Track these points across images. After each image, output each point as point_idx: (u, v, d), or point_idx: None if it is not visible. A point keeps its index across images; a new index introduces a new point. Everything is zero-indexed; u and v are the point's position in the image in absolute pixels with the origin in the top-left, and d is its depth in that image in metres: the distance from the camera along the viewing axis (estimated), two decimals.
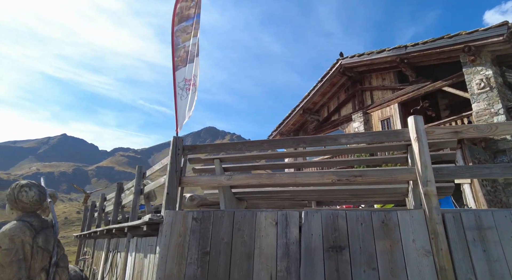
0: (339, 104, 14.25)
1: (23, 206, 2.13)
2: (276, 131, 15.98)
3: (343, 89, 14.20)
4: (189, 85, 3.80)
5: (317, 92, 14.17)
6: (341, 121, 13.84)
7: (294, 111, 15.03)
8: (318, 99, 14.59)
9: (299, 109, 14.76)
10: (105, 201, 7.38)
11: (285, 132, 15.89)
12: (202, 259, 2.92)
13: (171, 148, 3.51)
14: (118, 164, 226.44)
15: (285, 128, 15.76)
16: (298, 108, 14.84)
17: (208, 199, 4.46)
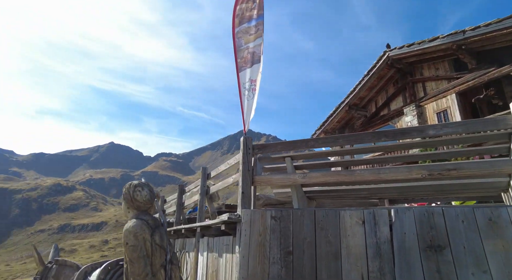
0: (387, 98, 13.55)
1: (138, 205, 2.25)
2: (320, 129, 15.64)
3: (391, 82, 13.48)
4: (254, 85, 3.81)
5: (363, 87, 13.61)
6: (391, 116, 13.14)
7: (339, 108, 14.58)
8: (364, 94, 14.01)
9: (345, 106, 14.29)
10: (165, 203, 7.70)
11: (329, 130, 15.49)
12: (285, 258, 2.88)
13: (242, 147, 3.54)
14: (162, 169, 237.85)
15: (330, 126, 15.35)
16: (343, 104, 14.37)
17: (272, 199, 4.44)
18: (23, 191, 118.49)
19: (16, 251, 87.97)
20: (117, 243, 79.42)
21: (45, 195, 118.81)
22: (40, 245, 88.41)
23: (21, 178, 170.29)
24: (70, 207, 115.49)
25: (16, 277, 59.57)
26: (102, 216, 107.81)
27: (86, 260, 64.84)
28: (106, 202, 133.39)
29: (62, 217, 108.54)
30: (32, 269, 62.73)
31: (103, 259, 14.80)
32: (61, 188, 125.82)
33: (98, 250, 74.28)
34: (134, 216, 2.23)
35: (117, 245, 77.71)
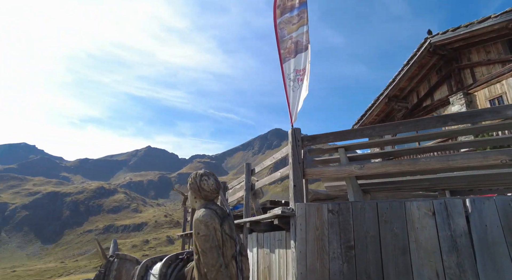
0: (430, 87, 12.72)
1: (205, 194, 2.22)
2: (358, 124, 15.07)
3: (434, 71, 12.63)
4: (300, 75, 3.68)
5: (403, 77, 12.89)
6: (435, 106, 12.31)
7: (378, 100, 13.94)
8: (405, 85, 13.27)
9: (384, 98, 13.63)
10: None
11: (368, 124, 14.86)
12: (346, 253, 2.73)
13: (291, 140, 3.43)
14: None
15: (368, 120, 14.74)
16: (382, 96, 13.72)
17: (320, 193, 4.28)
18: (72, 194, 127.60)
19: (68, 249, 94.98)
20: (156, 243, 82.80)
21: (90, 197, 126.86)
22: (89, 244, 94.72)
23: (70, 182, 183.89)
24: (113, 208, 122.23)
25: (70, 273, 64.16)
26: (142, 217, 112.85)
27: None
28: (145, 203, 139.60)
29: (106, 218, 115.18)
30: (83, 266, 67.41)
31: (145, 258, 15.33)
32: (104, 191, 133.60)
33: (139, 250, 77.78)
34: (202, 206, 2.20)
35: (157, 244, 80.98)
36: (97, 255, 16.61)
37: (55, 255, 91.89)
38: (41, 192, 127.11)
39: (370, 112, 14.50)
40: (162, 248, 76.32)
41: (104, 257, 3.31)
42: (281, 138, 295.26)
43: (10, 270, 69.78)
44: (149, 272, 2.67)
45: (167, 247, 78.04)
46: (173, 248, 73.56)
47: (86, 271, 60.71)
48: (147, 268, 2.73)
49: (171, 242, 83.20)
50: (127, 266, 3.14)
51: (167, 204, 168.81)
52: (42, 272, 65.82)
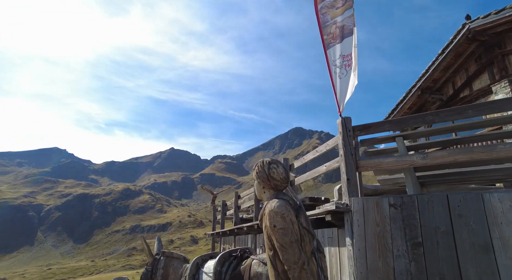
0: (468, 77, 11.93)
1: (275, 184, 2.04)
2: (389, 118, 14.46)
3: (472, 59, 11.84)
4: (348, 61, 3.44)
5: (438, 67, 12.17)
6: (474, 97, 11.52)
7: (410, 93, 13.26)
8: (439, 75, 12.53)
9: (416, 90, 12.94)
10: (239, 198, 7.67)
11: None
12: (414, 251, 2.46)
13: (341, 129, 3.19)
14: (218, 170, 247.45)
15: (400, 114, 14.08)
16: (414, 88, 13.04)
17: (369, 188, 4.00)
18: (100, 195, 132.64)
19: (98, 249, 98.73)
20: (181, 242, 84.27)
21: (117, 199, 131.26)
22: (117, 244, 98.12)
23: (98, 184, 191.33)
24: (139, 209, 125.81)
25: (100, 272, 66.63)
26: (166, 217, 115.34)
27: None
28: (169, 204, 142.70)
29: (132, 218, 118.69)
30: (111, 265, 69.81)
31: None
32: (130, 192, 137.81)
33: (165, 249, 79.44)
34: (272, 197, 2.02)
35: (181, 244, 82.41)
36: (124, 254, 17.07)
37: (86, 254, 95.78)
38: (72, 194, 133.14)
39: (402, 106, 13.84)
40: (186, 248, 77.58)
41: (150, 255, 3.22)
42: (302, 137, 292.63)
43: (46, 267, 73.55)
44: (201, 270, 2.53)
45: (191, 246, 79.28)
46: (197, 248, 74.63)
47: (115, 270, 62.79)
48: (198, 266, 2.60)
49: (195, 241, 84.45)
50: (174, 264, 3.03)
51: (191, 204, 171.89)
52: (75, 270, 68.71)
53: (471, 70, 11.96)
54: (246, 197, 7.38)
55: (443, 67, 12.29)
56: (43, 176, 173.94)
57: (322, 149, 3.80)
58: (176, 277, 2.91)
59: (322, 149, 3.82)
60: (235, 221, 7.37)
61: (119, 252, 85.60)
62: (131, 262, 68.73)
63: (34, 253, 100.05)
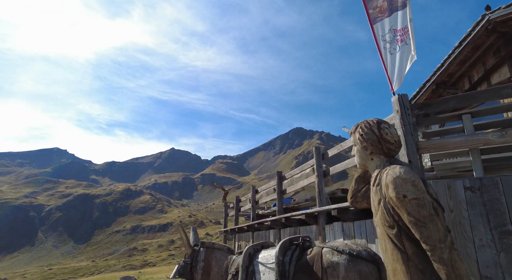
0: (486, 71, 11.58)
1: (389, 147, 1.61)
2: None
3: (490, 52, 11.48)
4: (400, 36, 3.12)
5: (454, 61, 11.77)
6: None
7: (424, 87, 12.89)
8: (454, 69, 12.15)
9: (431, 84, 12.56)
10: (257, 193, 7.34)
11: None
12: (501, 240, 2.13)
13: (398, 108, 2.86)
14: (219, 171, 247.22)
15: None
16: (429, 83, 12.67)
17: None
18: (101, 196, 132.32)
19: (99, 249, 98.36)
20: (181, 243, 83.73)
21: (118, 199, 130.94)
22: (117, 244, 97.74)
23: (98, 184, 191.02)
24: (140, 209, 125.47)
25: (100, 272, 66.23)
26: (167, 217, 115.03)
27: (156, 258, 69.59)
28: (170, 204, 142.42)
29: (133, 219, 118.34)
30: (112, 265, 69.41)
31: (171, 258, 15.04)
32: (131, 193, 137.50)
33: (165, 250, 79.09)
34: (386, 164, 1.59)
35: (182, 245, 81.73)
36: (125, 255, 16.55)
37: (87, 254, 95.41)
38: (73, 194, 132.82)
39: (415, 101, 13.54)
40: None
41: (189, 246, 2.89)
42: (303, 137, 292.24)
43: (47, 268, 73.20)
44: (256, 261, 2.21)
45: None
46: None
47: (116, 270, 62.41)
48: (251, 257, 2.28)
49: None
50: (216, 255, 2.71)
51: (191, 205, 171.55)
52: (76, 270, 68.39)
53: (489, 64, 11.63)
54: (264, 192, 7.06)
55: (460, 61, 11.94)
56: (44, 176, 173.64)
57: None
58: (220, 270, 2.60)
59: None
60: (252, 217, 7.05)
61: (119, 252, 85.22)
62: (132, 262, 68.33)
63: (35, 253, 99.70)
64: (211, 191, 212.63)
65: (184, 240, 2.86)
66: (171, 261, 63.91)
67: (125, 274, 41.73)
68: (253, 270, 2.18)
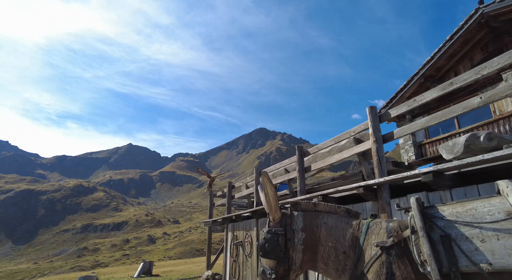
0: (473, 65, 11.80)
1: None
2: (386, 108, 14.03)
3: (478, 47, 11.74)
4: None
5: (443, 55, 11.91)
6: (481, 85, 11.42)
7: (412, 81, 12.92)
8: (443, 63, 12.31)
9: (419, 78, 12.61)
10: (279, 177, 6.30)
11: None
12: None
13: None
14: (179, 169, 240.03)
15: (399, 103, 13.73)
16: (417, 76, 12.70)
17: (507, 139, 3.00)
18: (48, 192, 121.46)
19: (43, 250, 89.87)
20: (137, 242, 79.71)
21: (68, 196, 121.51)
22: (65, 244, 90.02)
23: (46, 180, 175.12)
24: (92, 207, 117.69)
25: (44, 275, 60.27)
26: (122, 216, 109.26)
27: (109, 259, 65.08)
28: (126, 202, 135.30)
29: (84, 217, 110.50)
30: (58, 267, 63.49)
31: (125, 258, 13.33)
32: (83, 189, 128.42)
33: (119, 249, 74.77)
34: None
35: (138, 244, 77.89)
36: (74, 255, 14.27)
37: (28, 256, 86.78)
38: (14, 190, 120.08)
39: (402, 94, 13.47)
40: (143, 248, 73.63)
41: (277, 207, 1.81)
42: (266, 137, 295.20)
43: None
44: (444, 221, 1.29)
45: (148, 246, 75.33)
46: (154, 248, 70.95)
47: (62, 272, 57.28)
48: (426, 216, 1.36)
49: (152, 241, 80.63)
50: (327, 221, 1.71)
51: (148, 203, 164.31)
52: (13, 274, 61.70)
53: (476, 59, 11.84)
54: (270, 174, 6.14)
55: (449, 55, 12.05)
56: None
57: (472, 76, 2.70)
58: (339, 244, 1.61)
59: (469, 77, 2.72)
60: (256, 202, 6.08)
61: (67, 253, 78.64)
62: (82, 263, 63.19)
63: None
64: (170, 190, 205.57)
65: (270, 196, 1.81)
66: (125, 261, 60.08)
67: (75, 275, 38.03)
68: (444, 235, 1.27)
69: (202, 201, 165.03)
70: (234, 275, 6.58)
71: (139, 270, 16.13)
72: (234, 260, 6.66)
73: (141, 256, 63.70)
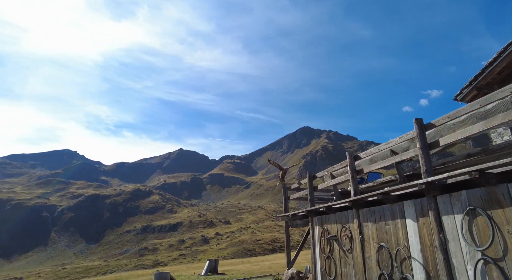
0: None
1: None
2: (471, 86, 12.24)
3: None
4: None
5: None
6: None
7: (505, 53, 11.07)
8: None
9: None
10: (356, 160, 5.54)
11: (485, 86, 12.01)
12: None
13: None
14: (226, 170, 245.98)
15: (486, 80, 11.87)
16: (511, 46, 10.86)
17: None
18: (111, 196, 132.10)
19: (110, 249, 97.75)
20: (192, 242, 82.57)
21: (128, 199, 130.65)
22: (128, 244, 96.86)
23: (108, 185, 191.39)
24: (149, 209, 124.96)
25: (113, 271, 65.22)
26: (177, 217, 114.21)
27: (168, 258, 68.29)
28: (179, 204, 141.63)
29: (143, 219, 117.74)
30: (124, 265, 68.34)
31: (182, 258, 12.94)
32: (140, 193, 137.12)
33: (176, 249, 77.95)
34: None
35: (193, 244, 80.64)
36: (136, 255, 14.21)
37: (99, 254, 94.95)
38: (84, 195, 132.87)
39: (491, 70, 11.64)
40: (197, 248, 76.00)
41: None
42: (310, 136, 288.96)
43: (60, 267, 72.61)
44: None
45: (202, 246, 77.59)
46: (208, 248, 72.77)
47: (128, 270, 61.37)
48: None
49: (206, 241, 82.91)
50: None
51: (200, 204, 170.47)
52: (88, 270, 67.71)
53: None
54: (367, 159, 5.36)
55: None
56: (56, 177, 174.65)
57: None
58: None
59: None
60: (354, 190, 5.34)
61: (131, 252, 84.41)
62: (143, 262, 67.22)
63: (49, 253, 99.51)
64: (220, 191, 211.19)
65: None
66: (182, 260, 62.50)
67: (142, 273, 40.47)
68: None
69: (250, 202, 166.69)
70: (328, 273, 5.91)
71: (205, 268, 16.28)
72: (327, 256, 5.99)
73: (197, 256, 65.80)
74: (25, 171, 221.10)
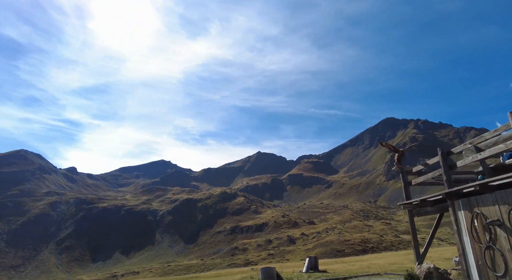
0: None
1: None
2: None
3: None
4: None
5: None
6: None
7: None
8: None
9: None
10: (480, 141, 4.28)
11: None
12: None
13: None
14: (305, 170, 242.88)
15: None
16: None
17: None
18: (202, 200, 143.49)
19: (204, 248, 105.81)
20: (279, 242, 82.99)
21: (216, 202, 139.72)
22: (220, 244, 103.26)
23: (199, 189, 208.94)
24: (236, 211, 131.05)
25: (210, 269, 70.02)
26: (262, 218, 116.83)
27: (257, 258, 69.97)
28: (263, 205, 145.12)
29: (231, 220, 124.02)
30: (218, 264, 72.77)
31: (271, 258, 11.57)
32: (227, 196, 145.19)
33: (264, 249, 79.22)
34: None
35: (279, 244, 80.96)
36: (228, 254, 13.63)
37: (195, 253, 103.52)
38: (179, 200, 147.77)
39: None
40: (285, 248, 75.86)
41: None
42: (395, 128, 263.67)
43: (166, 264, 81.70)
44: None
45: (289, 246, 77.18)
46: (295, 248, 71.93)
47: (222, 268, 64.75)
48: None
49: (292, 241, 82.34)
50: None
51: (282, 205, 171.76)
52: (189, 268, 73.97)
53: None
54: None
55: None
56: (155, 185, 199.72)
57: None
58: None
59: None
60: None
61: (223, 252, 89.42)
62: (235, 261, 70.15)
63: (156, 252, 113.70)
64: (300, 191, 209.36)
65: None
66: (271, 260, 63.21)
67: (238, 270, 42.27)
68: None
69: (333, 201, 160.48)
70: (491, 267, 4.67)
71: (306, 265, 15.80)
72: (486, 246, 4.76)
73: (285, 256, 65.81)
74: (132, 181, 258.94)
